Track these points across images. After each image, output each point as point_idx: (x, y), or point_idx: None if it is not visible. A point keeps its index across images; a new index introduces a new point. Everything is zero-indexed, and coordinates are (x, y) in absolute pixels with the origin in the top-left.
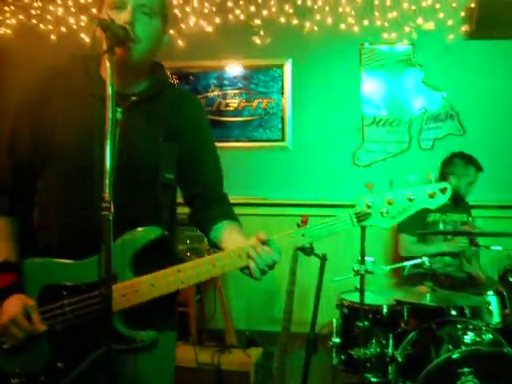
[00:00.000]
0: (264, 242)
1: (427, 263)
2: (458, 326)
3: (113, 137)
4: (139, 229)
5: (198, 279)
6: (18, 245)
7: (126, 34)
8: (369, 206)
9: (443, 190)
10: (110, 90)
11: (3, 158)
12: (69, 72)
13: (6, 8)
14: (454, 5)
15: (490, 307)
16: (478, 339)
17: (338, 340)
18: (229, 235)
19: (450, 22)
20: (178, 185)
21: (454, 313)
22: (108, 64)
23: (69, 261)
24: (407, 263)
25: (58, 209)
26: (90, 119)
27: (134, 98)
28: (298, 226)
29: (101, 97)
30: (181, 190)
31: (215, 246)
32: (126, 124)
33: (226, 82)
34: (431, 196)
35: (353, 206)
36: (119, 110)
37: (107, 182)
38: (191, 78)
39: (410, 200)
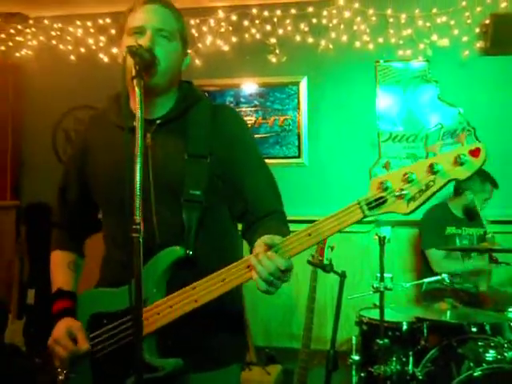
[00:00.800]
0: (269, 248)
1: (447, 280)
2: (479, 344)
3: (142, 161)
4: (162, 251)
5: (211, 296)
6: (76, 275)
7: (152, 57)
8: (383, 188)
9: (474, 152)
10: (139, 114)
11: (59, 199)
12: (105, 113)
13: (28, 30)
14: (469, 21)
15: None
16: (499, 357)
17: (357, 357)
18: (256, 247)
19: (464, 39)
20: (226, 202)
21: (474, 330)
22: (137, 89)
23: (114, 289)
24: (426, 280)
25: (111, 240)
26: (123, 152)
27: (158, 122)
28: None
29: (132, 129)
30: (229, 208)
31: None
32: (153, 147)
33: (242, 100)
34: (459, 163)
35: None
36: (148, 135)
37: (137, 204)
38: (206, 94)
39: (433, 172)
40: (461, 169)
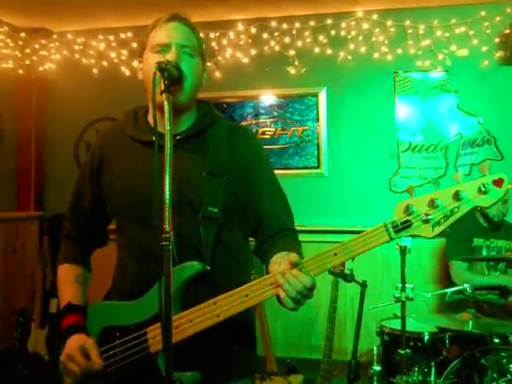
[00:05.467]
0: (295, 266)
1: (469, 290)
2: (503, 354)
3: (162, 175)
4: (179, 266)
5: (233, 311)
6: (84, 288)
7: (180, 73)
8: (408, 213)
9: (497, 182)
10: (167, 126)
11: (71, 210)
12: (123, 127)
13: (51, 44)
14: (488, 31)
15: None
16: None
17: (378, 368)
18: (274, 264)
19: (484, 48)
20: (240, 220)
21: (497, 341)
22: (166, 103)
23: (126, 302)
24: (449, 290)
25: (126, 251)
26: (142, 166)
27: (178, 137)
28: None
29: (149, 142)
30: (242, 226)
31: None
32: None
33: (261, 111)
34: (483, 192)
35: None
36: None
37: (167, 213)
38: (224, 106)
39: (458, 199)
40: (485, 197)
